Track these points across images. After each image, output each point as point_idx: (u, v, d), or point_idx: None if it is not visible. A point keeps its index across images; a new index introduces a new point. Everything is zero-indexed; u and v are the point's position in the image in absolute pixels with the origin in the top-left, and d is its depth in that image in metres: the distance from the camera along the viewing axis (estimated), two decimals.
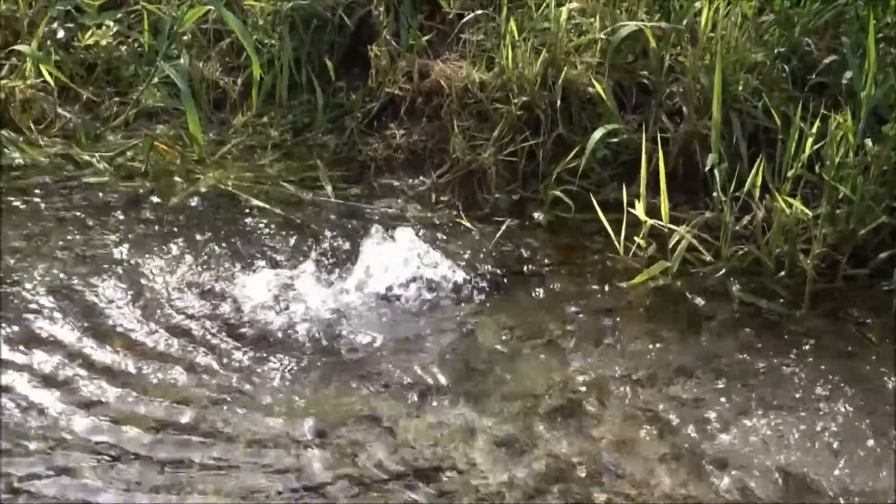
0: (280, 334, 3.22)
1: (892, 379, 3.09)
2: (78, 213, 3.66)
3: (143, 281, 3.39)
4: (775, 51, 3.62)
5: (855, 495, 2.74)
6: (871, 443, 2.89)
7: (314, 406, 2.98)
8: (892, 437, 2.90)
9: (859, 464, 2.84)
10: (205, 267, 3.46)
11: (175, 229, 3.62)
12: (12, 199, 3.69)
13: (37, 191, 3.75)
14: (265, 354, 3.15)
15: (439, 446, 2.86)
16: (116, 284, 3.37)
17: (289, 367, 3.11)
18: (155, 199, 3.74)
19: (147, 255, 3.49)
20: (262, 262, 3.49)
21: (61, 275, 3.39)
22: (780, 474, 2.79)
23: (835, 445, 2.89)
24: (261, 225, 3.65)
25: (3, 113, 3.95)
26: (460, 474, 2.77)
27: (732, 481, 2.77)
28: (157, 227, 3.62)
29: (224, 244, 3.56)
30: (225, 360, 3.12)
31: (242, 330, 3.23)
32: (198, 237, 3.58)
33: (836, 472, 2.81)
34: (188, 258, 3.49)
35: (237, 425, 2.89)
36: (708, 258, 3.41)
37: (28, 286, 3.33)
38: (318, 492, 2.73)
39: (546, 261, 3.54)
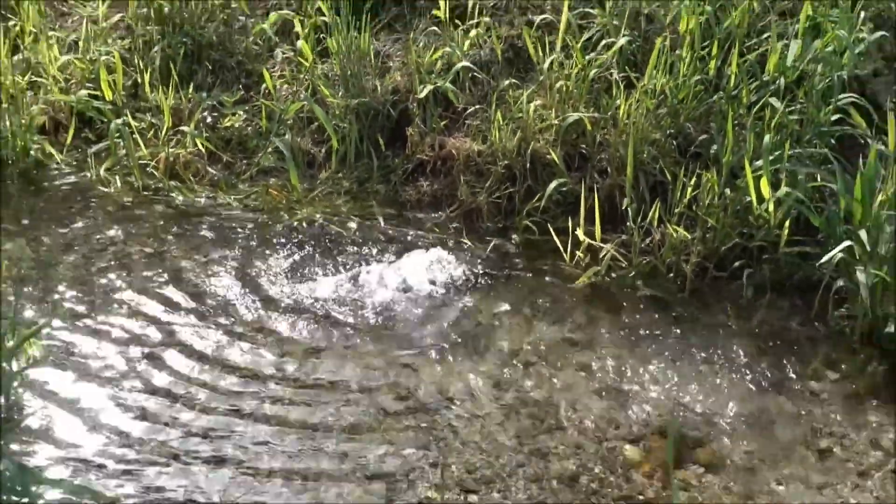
0: (344, 312, 3.25)
1: (743, 342, 3.11)
2: (220, 234, 3.69)
3: (259, 275, 3.44)
4: (668, 132, 3.60)
5: (718, 416, 2.79)
6: (729, 382, 2.94)
7: (368, 358, 3.02)
8: (744, 379, 2.94)
9: (723, 395, 2.88)
10: (299, 268, 3.49)
11: (281, 244, 3.63)
12: (177, 226, 3.73)
13: (194, 219, 3.79)
14: (334, 325, 3.19)
15: (450, 385, 2.90)
16: (241, 278, 3.41)
17: (351, 334, 3.14)
18: (268, 226, 3.76)
19: (262, 260, 3.53)
20: (335, 266, 3.51)
21: (207, 272, 3.44)
22: (669, 403, 2.85)
23: (705, 384, 2.93)
24: (336, 242, 3.65)
25: (172, 170, 3.98)
26: (462, 403, 2.83)
27: (639, 407, 2.82)
28: (270, 243, 3.64)
29: (312, 253, 3.58)
30: (305, 329, 3.16)
31: (318, 308, 3.26)
32: (295, 249, 3.60)
33: (707, 401, 2.85)
34: (289, 263, 3.52)
35: (317, 367, 2.98)
36: (624, 265, 3.41)
37: (190, 280, 3.41)
38: (375, 410, 2.79)
39: (519, 266, 3.52)
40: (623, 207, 3.49)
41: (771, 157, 3.26)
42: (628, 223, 3.43)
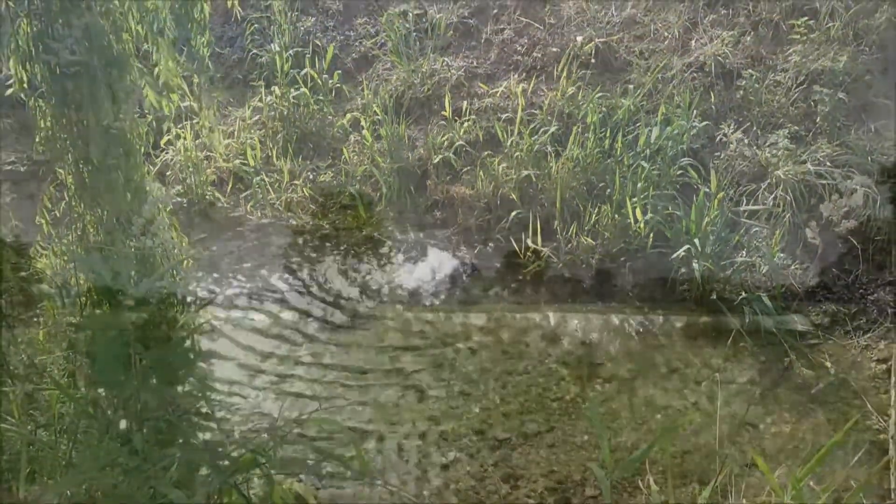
0: (391, 286, 3.23)
1: (625, 304, 3.07)
2: (318, 243, 3.66)
3: (340, 265, 3.40)
4: (581, 181, 3.55)
5: (612, 349, 2.76)
6: (617, 328, 2.91)
7: (404, 314, 3.01)
8: (625, 326, 2.91)
9: (614, 336, 2.86)
10: (365, 262, 3.46)
11: (354, 249, 3.60)
12: (292, 239, 3.68)
13: (302, 235, 3.74)
14: (384, 293, 3.16)
15: (452, 331, 2.87)
16: (329, 267, 3.38)
17: (394, 299, 3.12)
18: (347, 239, 3.72)
19: (342, 257, 3.49)
20: (386, 261, 3.48)
21: (310, 264, 3.41)
22: (583, 341, 2.82)
23: (603, 329, 2.90)
24: (387, 247, 3.62)
25: (289, 206, 3.92)
26: (460, 341, 2.81)
27: (567, 341, 2.81)
28: (348, 248, 3.60)
29: (372, 254, 3.55)
30: (367, 296, 3.14)
31: (375, 284, 3.25)
32: (362, 252, 3.57)
33: (604, 339, 2.83)
34: (358, 258, 3.49)
35: (372, 319, 2.95)
36: (555, 261, 3.37)
37: (301, 268, 3.38)
38: (407, 345, 2.77)
39: (493, 262, 3.48)
40: (554, 226, 3.47)
41: (642, 196, 3.28)
42: (558, 236, 3.42)
